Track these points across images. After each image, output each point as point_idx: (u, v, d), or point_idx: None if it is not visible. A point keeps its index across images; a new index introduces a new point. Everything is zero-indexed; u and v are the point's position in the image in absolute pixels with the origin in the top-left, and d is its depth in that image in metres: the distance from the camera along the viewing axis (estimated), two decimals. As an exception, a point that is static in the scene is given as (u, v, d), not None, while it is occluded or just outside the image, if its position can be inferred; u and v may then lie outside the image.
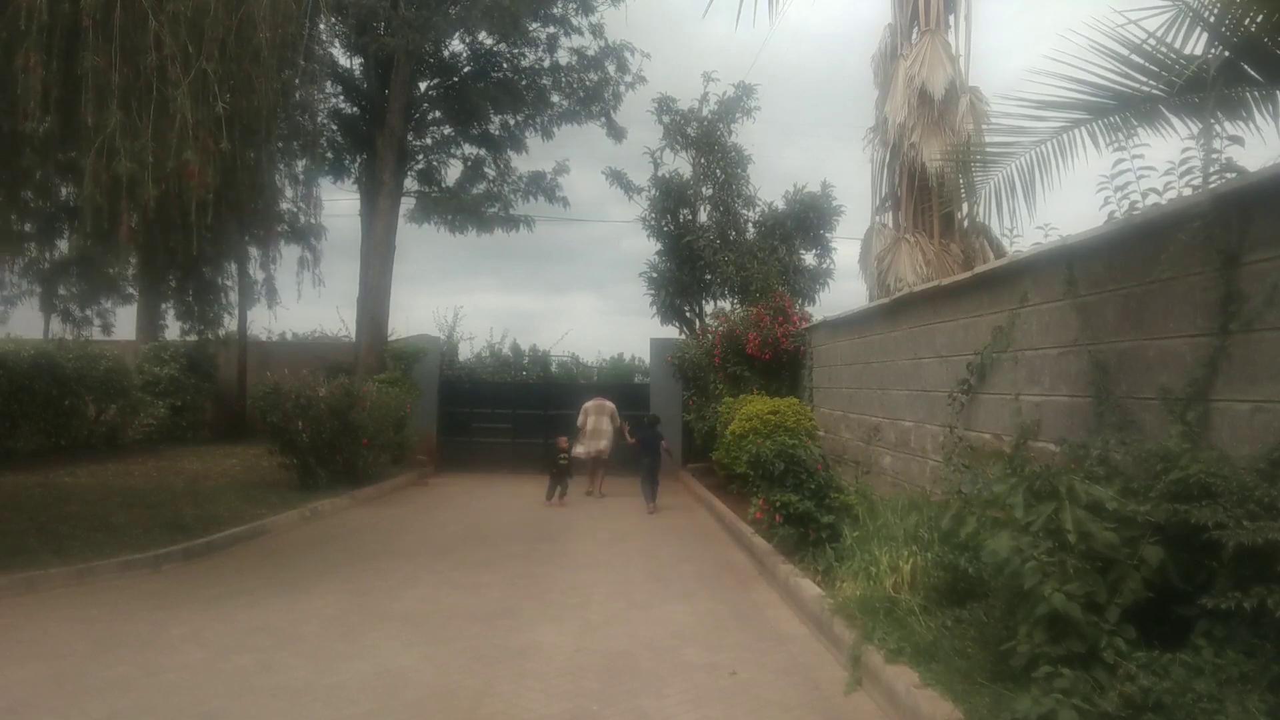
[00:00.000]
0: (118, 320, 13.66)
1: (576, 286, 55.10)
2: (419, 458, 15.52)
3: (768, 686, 4.79)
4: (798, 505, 7.74)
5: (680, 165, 17.61)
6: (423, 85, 17.68)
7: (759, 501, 8.46)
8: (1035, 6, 35.06)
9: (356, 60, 17.08)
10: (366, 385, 13.28)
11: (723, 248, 16.59)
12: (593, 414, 13.25)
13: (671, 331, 17.51)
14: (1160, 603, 3.60)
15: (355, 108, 17.62)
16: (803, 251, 17.02)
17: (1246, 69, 4.59)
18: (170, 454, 14.98)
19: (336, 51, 16.20)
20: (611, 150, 32.50)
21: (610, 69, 17.48)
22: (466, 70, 17.79)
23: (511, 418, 17.16)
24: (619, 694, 4.64)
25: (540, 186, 18.16)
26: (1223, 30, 4.53)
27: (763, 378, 13.72)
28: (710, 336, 15.06)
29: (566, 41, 17.43)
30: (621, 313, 52.77)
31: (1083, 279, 5.31)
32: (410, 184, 18.13)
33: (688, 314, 17.69)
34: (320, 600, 6.57)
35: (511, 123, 18.10)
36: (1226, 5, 4.48)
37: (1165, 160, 4.55)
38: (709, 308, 17.35)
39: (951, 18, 14.63)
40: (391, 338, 16.97)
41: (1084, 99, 5.08)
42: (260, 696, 4.53)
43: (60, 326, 12.34)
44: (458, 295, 71.71)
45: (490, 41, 17.27)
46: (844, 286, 53.93)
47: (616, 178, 17.88)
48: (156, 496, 10.18)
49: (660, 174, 17.50)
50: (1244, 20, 4.46)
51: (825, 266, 17.22)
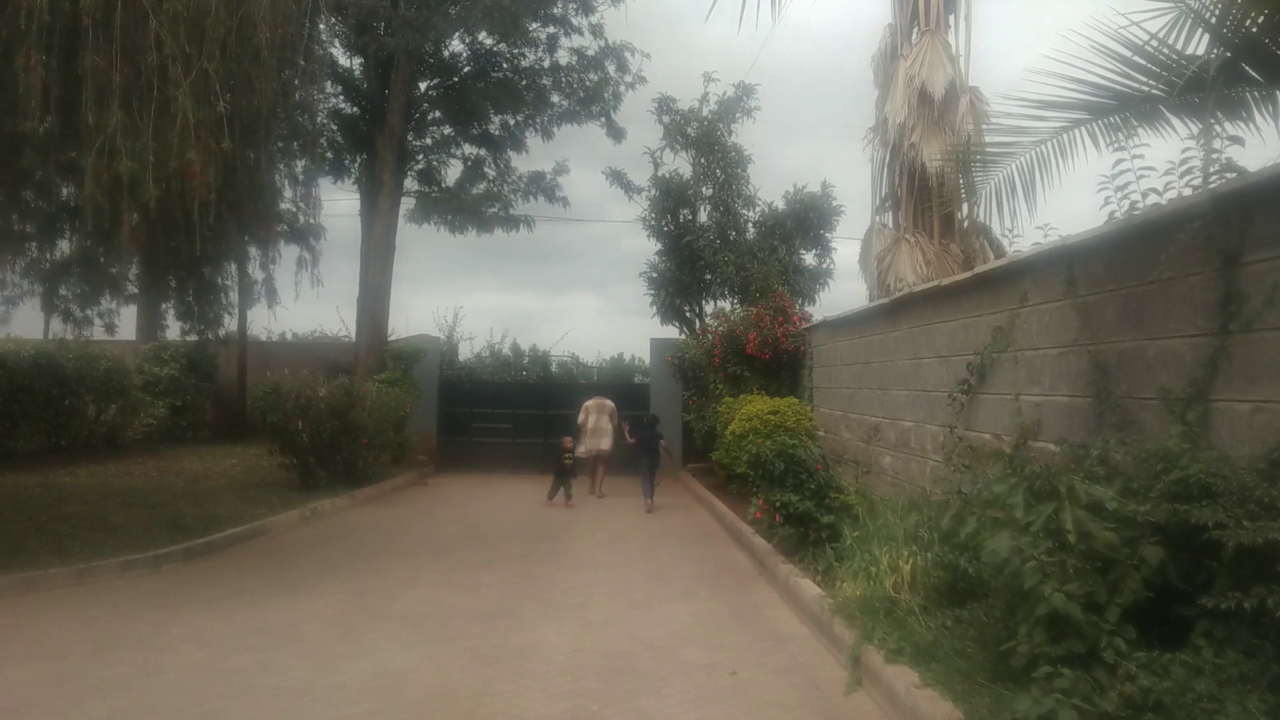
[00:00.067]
0: (106, 319, 13.65)
1: (576, 286, 55.18)
2: (419, 458, 15.52)
3: (768, 686, 4.79)
4: (798, 505, 7.74)
5: (680, 165, 17.65)
6: (423, 85, 17.68)
7: (759, 501, 8.46)
8: (1035, 6, 35.08)
9: (356, 60, 17.09)
10: (366, 385, 13.29)
11: (723, 248, 16.59)
12: (593, 413, 13.26)
13: (671, 331, 17.54)
14: (1160, 603, 3.60)
15: (355, 108, 17.62)
16: (803, 251, 17.03)
17: (1247, 69, 4.59)
18: (170, 454, 14.98)
19: (336, 51, 16.24)
20: (611, 150, 32.50)
21: (610, 69, 17.49)
22: (466, 70, 17.79)
23: (511, 418, 17.16)
24: (619, 694, 4.64)
25: (540, 186, 18.17)
26: (1224, 31, 4.53)
27: (763, 378, 13.73)
28: (710, 336, 15.06)
29: (566, 41, 17.48)
30: (621, 313, 52.82)
31: (1083, 279, 5.31)
32: (410, 184, 18.13)
33: (688, 314, 17.69)
34: (320, 600, 6.57)
35: (511, 123, 18.11)
36: (1227, 6, 4.49)
37: (1165, 160, 4.55)
38: (709, 308, 17.38)
39: (951, 18, 14.64)
40: (391, 338, 16.97)
41: (1084, 99, 5.08)
42: (260, 696, 4.53)
43: (61, 326, 12.35)
44: (458, 295, 71.79)
45: (490, 41, 17.27)
46: (844, 286, 54.02)
47: (616, 178, 17.89)
48: (156, 496, 10.18)
49: (660, 174, 17.51)
50: (1244, 21, 4.46)
51: (825, 266, 17.24)
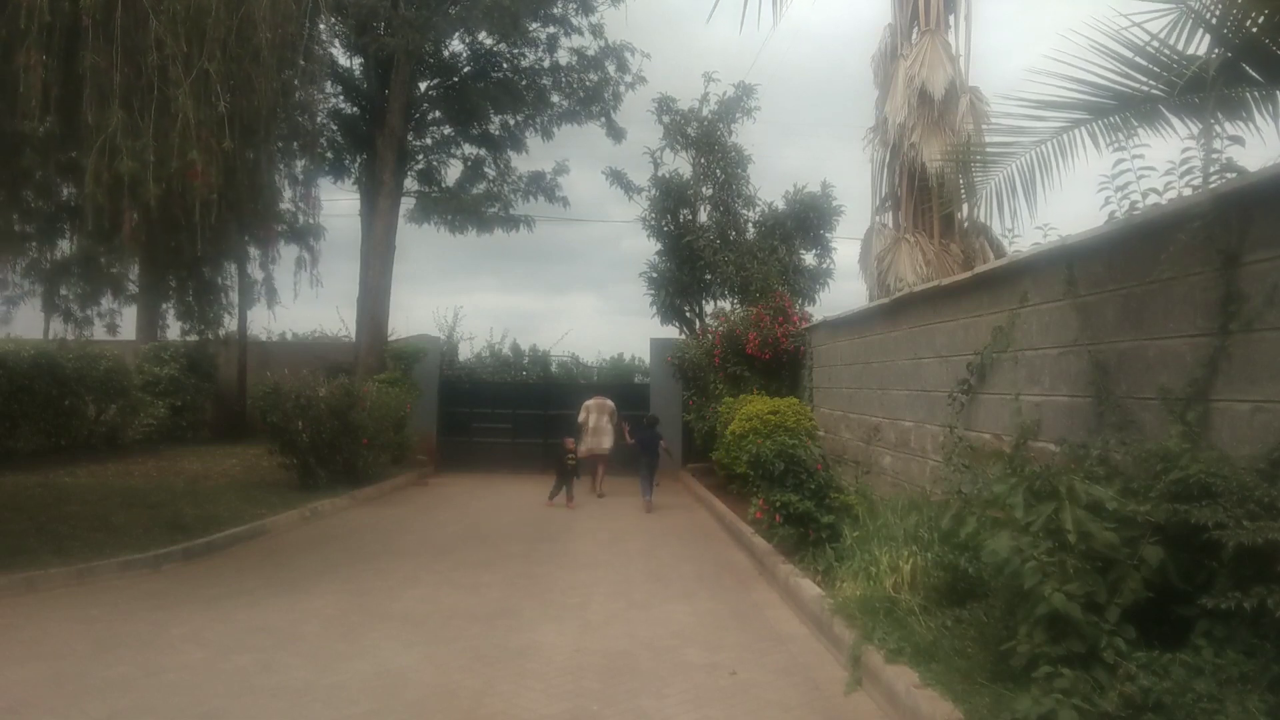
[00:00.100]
0: (108, 319, 13.63)
1: (576, 286, 55.18)
2: (419, 458, 15.52)
3: (768, 686, 4.79)
4: (798, 505, 7.74)
5: (680, 165, 17.64)
6: (423, 85, 17.68)
7: (759, 501, 8.45)
8: (1035, 6, 35.10)
9: (356, 60, 17.09)
10: (366, 385, 13.28)
11: (723, 248, 16.59)
12: (594, 412, 13.27)
13: (671, 331, 17.53)
14: (1160, 603, 3.60)
15: (355, 108, 17.61)
16: (803, 251, 17.03)
17: (1247, 69, 4.59)
18: (170, 454, 14.97)
19: (336, 51, 16.24)
20: (611, 150, 32.52)
21: (610, 69, 17.49)
22: (466, 70, 17.79)
23: (511, 418, 17.16)
24: (619, 694, 4.64)
25: (540, 186, 18.16)
26: (1224, 32, 4.53)
27: (763, 378, 13.72)
28: (710, 336, 15.06)
29: (566, 41, 17.47)
30: (621, 313, 52.81)
31: (1083, 279, 5.31)
32: (410, 184, 18.13)
33: (688, 314, 17.69)
34: (320, 600, 6.57)
35: (511, 123, 18.10)
36: (1228, 7, 4.49)
37: (1166, 160, 4.55)
38: (709, 308, 17.37)
39: (951, 18, 14.64)
40: (391, 338, 16.97)
41: (1084, 99, 5.08)
42: (260, 696, 4.53)
43: (62, 326, 12.35)
44: (458, 295, 71.76)
45: (490, 41, 17.27)
46: (844, 286, 54.03)
47: (616, 178, 17.89)
48: (156, 496, 10.18)
49: (660, 174, 17.51)
50: (1244, 21, 4.46)
51: (825, 266, 17.24)
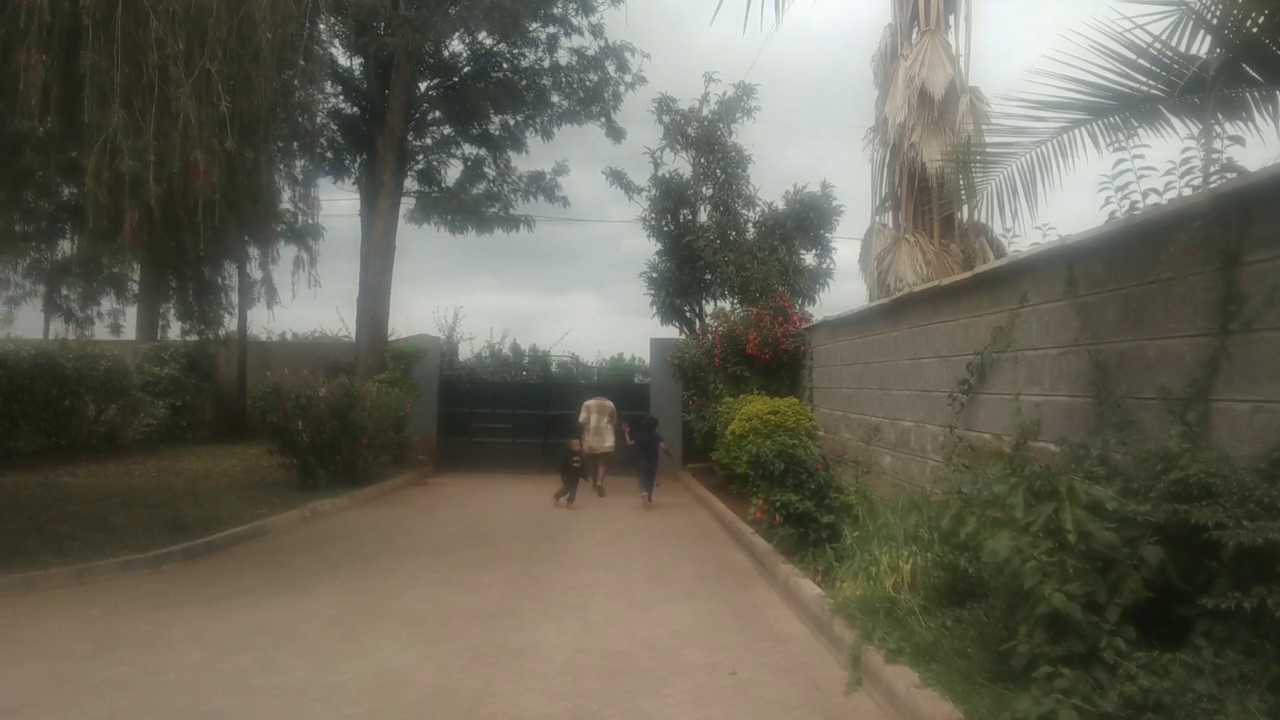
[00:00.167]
0: (112, 319, 13.60)
1: (576, 286, 55.18)
2: (419, 458, 15.51)
3: (768, 686, 4.79)
4: (798, 505, 7.74)
5: (680, 165, 17.63)
6: (423, 85, 17.67)
7: (759, 501, 8.46)
8: (1035, 6, 35.08)
9: (356, 60, 17.08)
10: (366, 385, 13.28)
11: (723, 248, 16.58)
12: (594, 413, 13.28)
13: (671, 331, 17.53)
14: (1160, 603, 3.60)
15: (355, 108, 17.61)
16: (803, 251, 17.03)
17: (1247, 69, 4.59)
18: (170, 454, 14.97)
19: (336, 51, 16.23)
20: (611, 150, 32.49)
21: (610, 69, 17.49)
22: (466, 70, 17.78)
23: (511, 418, 17.16)
24: (619, 694, 4.64)
25: (540, 186, 18.16)
26: (1224, 32, 4.53)
27: (763, 378, 13.72)
28: (710, 336, 15.06)
29: (566, 41, 17.47)
30: (621, 313, 52.82)
31: (1083, 279, 5.31)
32: (410, 184, 18.13)
33: (688, 314, 17.69)
34: (320, 600, 6.57)
35: (511, 123, 18.09)
36: (1228, 7, 4.49)
37: (1166, 160, 4.55)
38: (709, 308, 17.37)
39: (951, 18, 14.62)
40: (391, 338, 16.97)
41: (1084, 99, 5.08)
42: (260, 696, 4.53)
43: (63, 327, 12.33)
44: (458, 295, 71.79)
45: (490, 41, 17.26)
46: (844, 286, 53.97)
47: (616, 178, 17.88)
48: (156, 496, 10.18)
49: (660, 174, 17.50)
50: (1244, 22, 4.46)
51: (825, 266, 17.24)
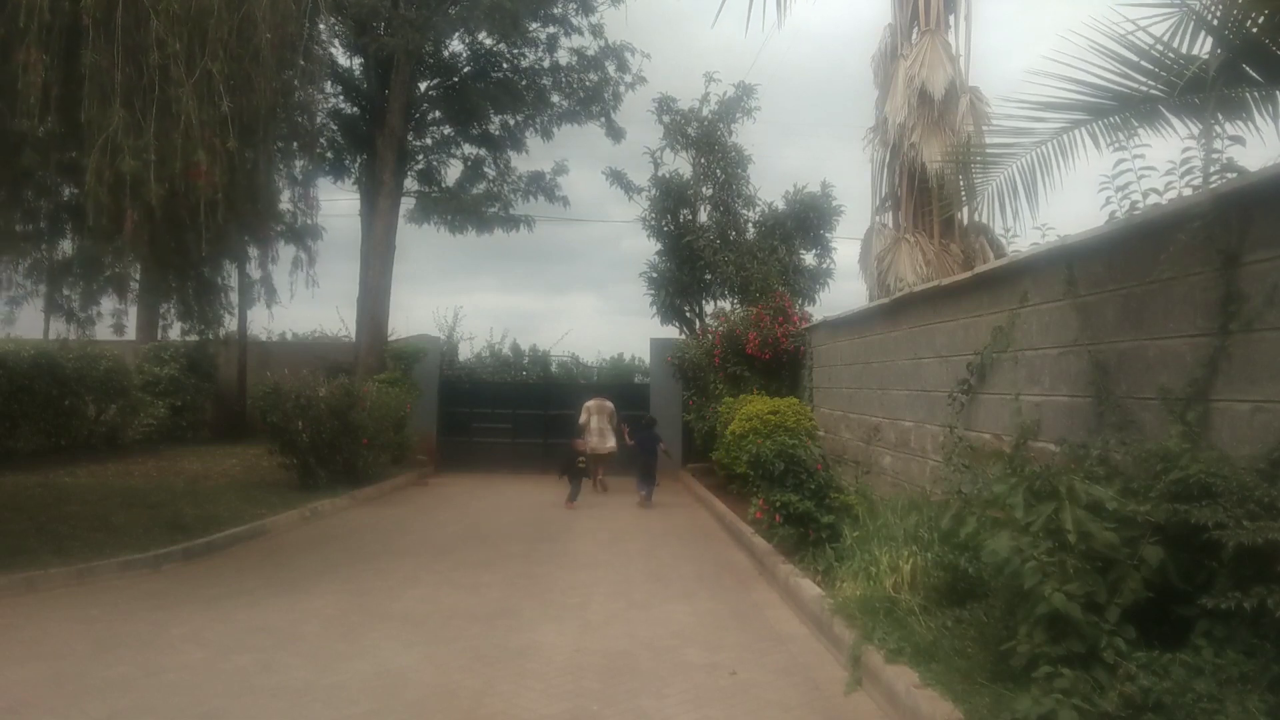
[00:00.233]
0: (115, 319, 13.61)
1: (576, 286, 55.17)
2: (419, 458, 15.51)
3: (768, 686, 4.79)
4: (798, 505, 7.74)
5: (680, 165, 17.63)
6: (423, 85, 17.67)
7: (759, 501, 8.46)
8: (1035, 6, 35.07)
9: (356, 60, 17.07)
10: (366, 385, 13.28)
11: (723, 248, 16.58)
12: (595, 413, 13.29)
13: (671, 331, 17.53)
14: (1160, 603, 3.60)
15: (355, 108, 17.61)
16: (803, 251, 17.03)
17: (1247, 70, 4.59)
18: (170, 454, 14.97)
19: (336, 51, 16.20)
20: (611, 150, 32.50)
21: (610, 69, 17.49)
22: (466, 70, 17.78)
23: (511, 418, 17.16)
24: (619, 694, 4.64)
25: (540, 186, 18.16)
26: (1224, 33, 4.53)
27: (763, 378, 13.73)
28: (710, 336, 15.06)
29: (566, 41, 17.47)
30: (621, 313, 52.81)
31: (1083, 279, 5.31)
32: (410, 184, 18.12)
33: (688, 314, 17.69)
34: (320, 600, 6.57)
35: (511, 123, 18.09)
36: (1228, 7, 4.49)
37: (1166, 160, 4.55)
38: (709, 308, 17.37)
39: (951, 18, 14.62)
40: (391, 338, 16.96)
41: (1084, 100, 5.08)
42: (260, 696, 4.53)
43: (65, 327, 12.33)
44: (458, 295, 71.79)
45: (490, 41, 17.26)
46: (844, 286, 53.94)
47: (616, 178, 17.88)
48: (156, 496, 10.18)
49: (660, 174, 17.50)
50: (1245, 22, 4.46)
51: (825, 266, 17.24)
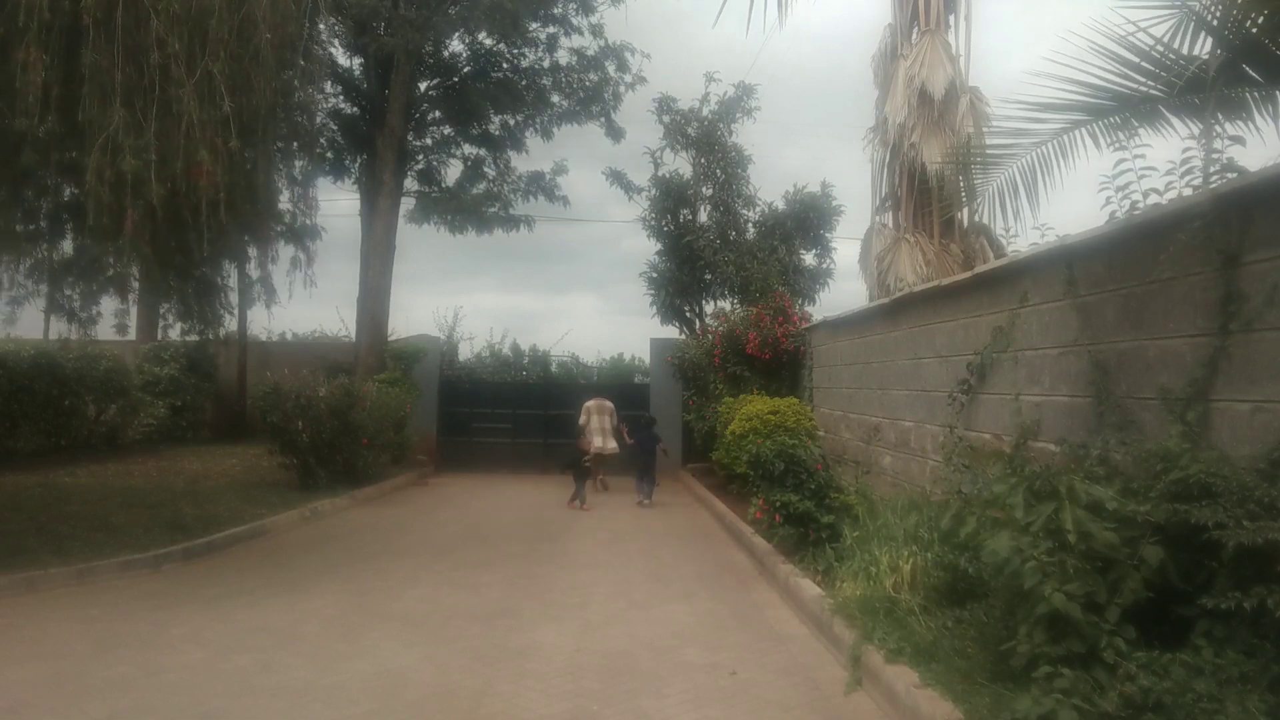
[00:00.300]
0: (118, 319, 13.59)
1: (576, 286, 55.16)
2: (419, 458, 15.51)
3: (768, 686, 4.79)
4: (798, 505, 7.74)
5: (680, 165, 17.64)
6: (423, 85, 17.67)
7: (759, 501, 8.46)
8: (1035, 6, 35.06)
9: (356, 60, 17.07)
10: (366, 385, 13.28)
11: (723, 248, 16.59)
12: (595, 414, 13.30)
13: (671, 331, 17.54)
14: (1160, 603, 3.60)
15: (355, 108, 17.60)
16: (803, 251, 17.04)
17: (1247, 70, 4.59)
18: (170, 454, 14.97)
19: (336, 51, 16.20)
20: (611, 150, 32.49)
21: (610, 69, 17.49)
22: (466, 70, 17.78)
23: (511, 418, 17.17)
24: (619, 694, 4.64)
25: (540, 186, 18.16)
26: (1224, 33, 4.54)
27: (763, 378, 13.73)
28: (710, 336, 15.06)
29: (566, 41, 17.47)
30: (621, 313, 52.80)
31: (1083, 279, 5.31)
32: (410, 184, 18.12)
33: (688, 314, 17.69)
34: (320, 600, 6.57)
35: (511, 123, 18.10)
36: (1228, 7, 4.49)
37: (1166, 160, 4.55)
38: (709, 308, 17.38)
39: (951, 18, 14.61)
40: (391, 338, 16.96)
41: (1084, 100, 5.08)
42: (260, 696, 4.53)
43: (66, 327, 12.33)
44: (458, 295, 71.78)
45: (490, 41, 17.26)
46: (844, 286, 53.88)
47: (616, 178, 17.88)
48: (156, 496, 10.18)
49: (660, 174, 17.51)
50: (1245, 23, 4.47)
51: (825, 266, 17.25)
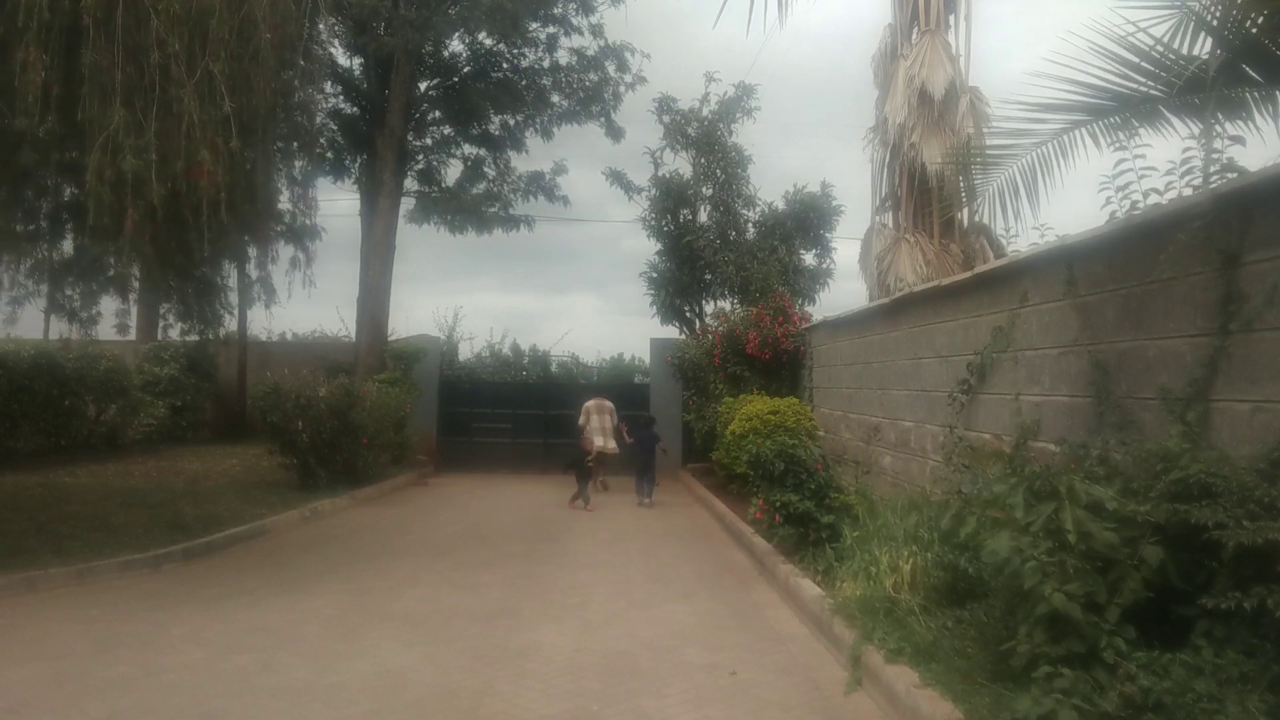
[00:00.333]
0: (119, 319, 13.58)
1: (576, 286, 55.16)
2: (419, 458, 15.51)
3: (768, 686, 4.79)
4: (798, 505, 7.74)
5: (680, 165, 17.64)
6: (423, 85, 17.68)
7: (759, 501, 8.46)
8: (1035, 6, 35.07)
9: (356, 60, 17.08)
10: (366, 385, 13.28)
11: (723, 248, 16.59)
12: (595, 413, 13.31)
13: (671, 331, 17.54)
14: (1160, 603, 3.60)
15: (355, 108, 17.61)
16: (803, 251, 17.04)
17: (1246, 70, 4.59)
18: (170, 454, 14.97)
19: (336, 51, 16.20)
20: (611, 150, 32.50)
21: (610, 69, 17.49)
22: (466, 70, 17.79)
23: (511, 418, 17.17)
24: (619, 694, 4.64)
25: (540, 186, 18.17)
26: (1224, 33, 4.54)
27: (763, 378, 13.73)
28: (710, 336, 15.07)
29: (566, 41, 17.48)
30: (621, 313, 52.80)
31: (1083, 279, 5.31)
32: (410, 184, 18.12)
33: (688, 314, 17.69)
34: (320, 600, 6.57)
35: (511, 123, 18.10)
36: (1228, 8, 4.49)
37: (1166, 160, 4.55)
38: (709, 308, 17.38)
39: (951, 18, 14.61)
40: (391, 338, 16.97)
41: (1084, 101, 5.08)
42: (260, 696, 4.53)
43: (66, 327, 12.33)
44: (458, 295, 71.76)
45: (490, 41, 17.27)
46: (844, 286, 53.86)
47: (616, 178, 17.88)
48: (156, 496, 10.18)
49: (660, 174, 17.51)
50: (1244, 23, 4.47)
51: (825, 266, 17.26)
